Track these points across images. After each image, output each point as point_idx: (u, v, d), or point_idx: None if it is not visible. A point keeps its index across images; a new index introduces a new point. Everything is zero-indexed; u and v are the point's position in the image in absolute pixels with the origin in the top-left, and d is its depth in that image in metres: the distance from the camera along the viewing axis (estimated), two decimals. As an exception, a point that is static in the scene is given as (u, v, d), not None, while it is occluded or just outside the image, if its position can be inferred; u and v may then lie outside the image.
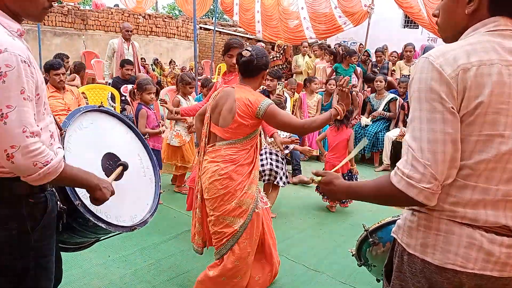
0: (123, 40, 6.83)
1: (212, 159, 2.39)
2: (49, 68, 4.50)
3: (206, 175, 2.40)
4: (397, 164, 1.13)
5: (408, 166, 1.08)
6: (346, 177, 4.24)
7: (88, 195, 1.56)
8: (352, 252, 2.24)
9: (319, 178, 1.42)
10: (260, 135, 2.78)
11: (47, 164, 1.31)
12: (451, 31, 1.21)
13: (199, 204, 2.54)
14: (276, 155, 4.00)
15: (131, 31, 6.97)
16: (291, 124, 2.36)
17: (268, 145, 3.99)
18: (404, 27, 14.16)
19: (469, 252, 1.10)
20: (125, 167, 1.87)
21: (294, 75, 8.29)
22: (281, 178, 3.93)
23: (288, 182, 4.10)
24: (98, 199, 1.55)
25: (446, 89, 1.05)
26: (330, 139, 4.35)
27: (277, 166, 3.92)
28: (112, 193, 1.60)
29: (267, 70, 2.51)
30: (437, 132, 1.05)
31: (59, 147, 1.45)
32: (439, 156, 1.05)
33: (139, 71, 6.74)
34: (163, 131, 4.18)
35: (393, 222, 1.94)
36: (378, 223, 2.00)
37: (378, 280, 2.28)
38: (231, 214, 2.36)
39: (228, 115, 2.35)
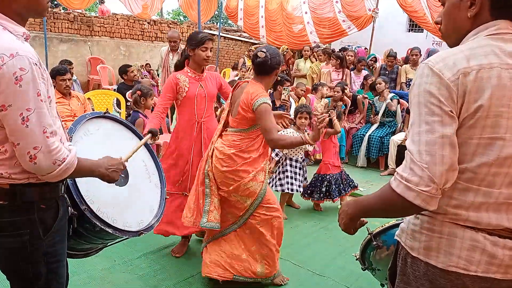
0: (169, 50, 6.21)
1: (222, 141, 2.69)
2: (55, 74, 4.54)
3: (215, 154, 2.68)
4: (397, 168, 1.13)
5: (407, 169, 1.08)
6: (339, 177, 4.31)
7: (94, 200, 1.58)
8: (356, 256, 2.23)
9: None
10: None
11: (64, 161, 1.35)
12: (454, 36, 1.22)
13: (214, 183, 2.72)
14: (296, 160, 4.19)
15: (177, 41, 6.07)
16: (269, 132, 2.48)
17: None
18: (409, 31, 14.13)
19: (472, 255, 1.10)
20: (154, 133, 1.99)
21: (295, 78, 8.29)
22: (299, 186, 4.14)
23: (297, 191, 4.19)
24: (108, 181, 1.61)
25: (445, 92, 1.06)
26: (322, 144, 4.48)
27: (296, 173, 4.17)
28: (124, 167, 1.67)
29: (280, 68, 2.67)
30: (435, 135, 1.06)
31: (70, 145, 1.48)
32: (437, 159, 1.05)
33: None
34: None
35: (397, 225, 1.94)
36: (382, 226, 2.00)
37: (382, 285, 2.27)
38: (239, 193, 2.64)
39: (237, 107, 2.62)
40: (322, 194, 4.27)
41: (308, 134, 2.54)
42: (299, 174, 4.18)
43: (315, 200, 4.35)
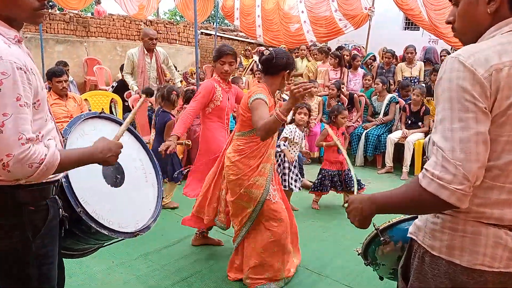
0: (145, 52, 5.48)
1: (231, 147, 2.71)
2: (52, 76, 4.53)
3: (225, 161, 2.73)
4: (425, 166, 1.10)
5: (438, 167, 1.05)
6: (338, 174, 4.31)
7: (90, 202, 1.57)
8: (358, 251, 2.23)
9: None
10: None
11: (42, 162, 1.31)
12: (472, 33, 1.20)
13: (225, 185, 2.79)
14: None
15: (155, 39, 5.51)
16: (256, 123, 2.37)
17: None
18: (405, 29, 14.15)
19: (495, 252, 1.11)
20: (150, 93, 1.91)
21: (293, 77, 8.29)
22: (295, 181, 4.11)
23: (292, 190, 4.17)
24: (107, 164, 1.59)
25: (479, 89, 1.04)
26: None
27: (291, 171, 4.13)
28: (120, 147, 1.61)
29: (288, 71, 2.61)
30: (469, 132, 1.03)
31: (49, 139, 1.43)
32: (472, 157, 1.03)
33: (161, 83, 5.66)
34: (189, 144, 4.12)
35: (404, 220, 1.95)
36: (389, 222, 1.99)
37: (381, 278, 2.27)
38: (243, 198, 2.65)
39: (239, 109, 2.65)
40: (327, 187, 4.29)
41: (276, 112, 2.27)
42: (293, 172, 4.15)
43: (321, 192, 4.34)
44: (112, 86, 7.23)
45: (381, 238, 1.95)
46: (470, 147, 1.03)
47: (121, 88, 6.69)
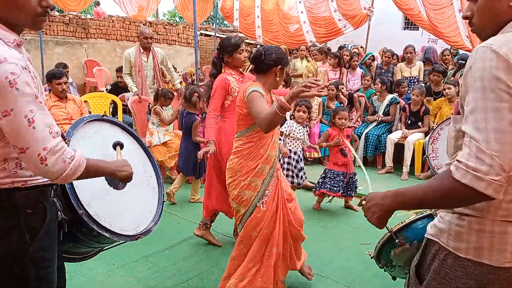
0: (141, 51, 5.52)
1: (232, 149, 2.62)
2: (52, 78, 4.54)
3: (227, 164, 2.64)
4: (458, 158, 1.07)
5: (472, 158, 1.03)
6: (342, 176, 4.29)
7: (92, 204, 1.57)
8: (370, 255, 2.20)
9: (364, 202, 1.36)
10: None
11: (73, 159, 1.35)
12: (492, 27, 1.20)
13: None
14: (295, 153, 4.24)
15: (150, 38, 5.52)
16: (257, 117, 2.30)
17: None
18: (404, 29, 14.17)
19: None
20: (121, 146, 1.92)
21: (293, 78, 8.30)
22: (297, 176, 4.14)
23: (299, 184, 4.17)
24: (126, 178, 1.64)
25: None
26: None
27: (292, 165, 4.18)
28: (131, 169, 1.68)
29: (280, 66, 2.48)
30: (505, 122, 1.02)
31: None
32: (507, 147, 1.01)
33: (159, 85, 5.69)
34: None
35: (418, 220, 1.94)
36: (402, 222, 1.98)
37: (394, 278, 2.25)
38: (235, 200, 2.55)
39: (237, 108, 2.54)
40: (328, 186, 4.27)
41: (279, 101, 2.19)
42: (295, 167, 4.17)
43: (324, 190, 4.31)
44: (106, 89, 7.25)
45: (396, 240, 1.93)
46: (505, 137, 1.01)
47: (114, 91, 6.71)
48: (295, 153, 4.22)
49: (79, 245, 1.80)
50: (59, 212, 1.55)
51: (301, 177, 4.29)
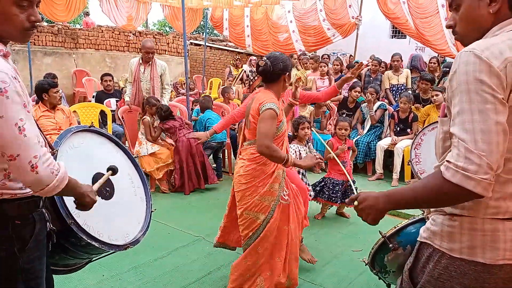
0: (141, 62, 5.63)
1: (242, 157, 2.67)
2: (48, 87, 4.53)
3: (236, 170, 2.68)
4: (447, 158, 1.11)
5: (461, 158, 1.07)
6: (340, 184, 4.29)
7: (81, 213, 1.55)
8: (365, 261, 2.20)
9: (355, 202, 1.36)
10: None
11: (59, 171, 1.35)
12: (474, 35, 1.24)
13: (230, 201, 2.83)
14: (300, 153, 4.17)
15: (152, 53, 5.55)
16: (266, 136, 2.41)
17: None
18: (392, 37, 14.38)
19: None
20: (114, 171, 1.84)
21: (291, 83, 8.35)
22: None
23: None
24: (87, 205, 1.56)
25: (496, 81, 1.07)
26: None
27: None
28: (94, 197, 1.60)
29: (287, 73, 2.61)
30: (490, 122, 1.06)
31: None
32: (494, 147, 1.05)
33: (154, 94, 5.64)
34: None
35: (410, 224, 1.95)
36: (395, 227, 1.99)
37: (388, 286, 2.25)
38: (254, 209, 2.58)
39: (249, 117, 2.60)
40: (326, 195, 4.25)
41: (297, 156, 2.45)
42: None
43: (322, 200, 4.29)
44: (93, 96, 7.27)
45: (390, 245, 1.94)
46: (492, 137, 1.05)
47: (99, 99, 6.74)
48: (298, 172, 4.21)
49: (68, 256, 1.77)
50: (48, 223, 1.54)
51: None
